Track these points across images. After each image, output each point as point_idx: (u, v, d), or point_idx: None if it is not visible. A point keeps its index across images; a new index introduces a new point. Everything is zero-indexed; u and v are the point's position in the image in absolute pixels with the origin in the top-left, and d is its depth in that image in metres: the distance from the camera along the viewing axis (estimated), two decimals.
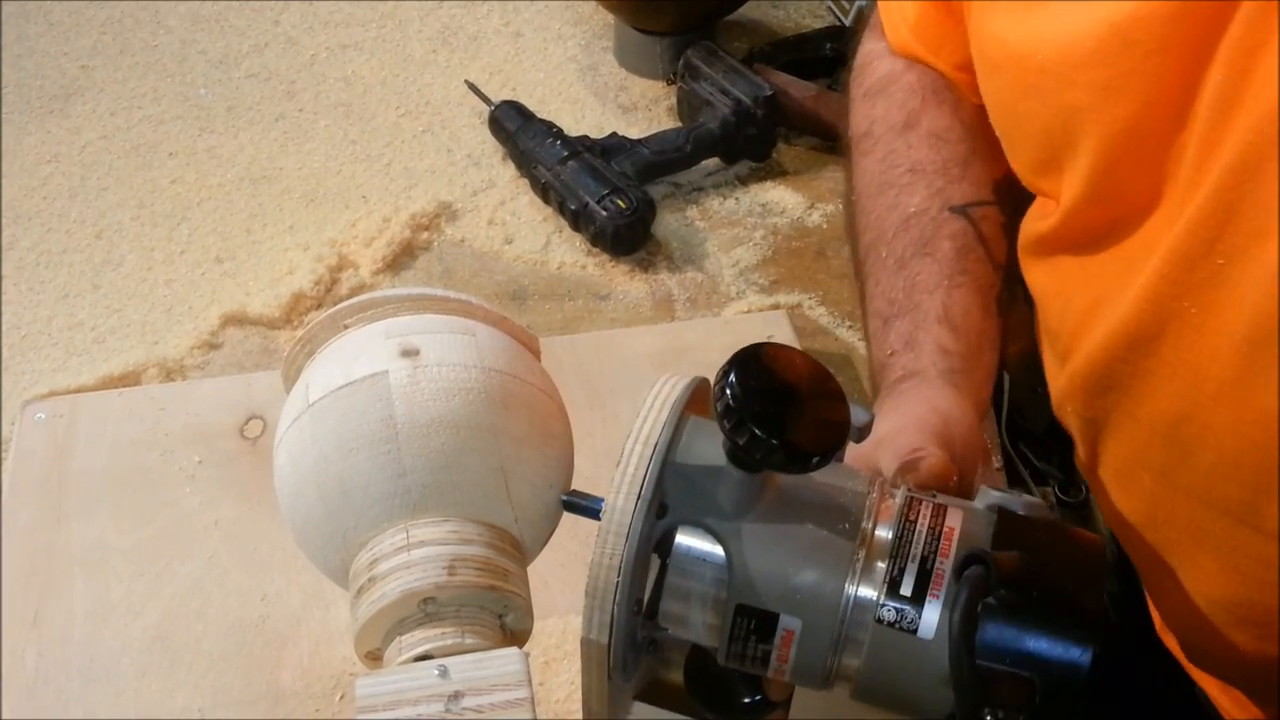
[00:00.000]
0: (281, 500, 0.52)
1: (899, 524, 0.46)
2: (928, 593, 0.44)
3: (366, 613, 0.47)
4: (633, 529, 0.44)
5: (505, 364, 0.52)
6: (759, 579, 0.45)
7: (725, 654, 0.46)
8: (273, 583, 0.73)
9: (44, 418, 0.82)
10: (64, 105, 1.11)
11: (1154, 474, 0.59)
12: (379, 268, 0.95)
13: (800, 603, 0.45)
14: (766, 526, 0.46)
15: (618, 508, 0.44)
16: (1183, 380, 0.54)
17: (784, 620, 0.45)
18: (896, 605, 0.44)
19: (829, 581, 0.45)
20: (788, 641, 0.46)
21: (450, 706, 0.44)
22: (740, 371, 0.43)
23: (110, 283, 0.94)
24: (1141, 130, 0.52)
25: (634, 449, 0.45)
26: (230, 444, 0.81)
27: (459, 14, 1.25)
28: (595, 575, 0.44)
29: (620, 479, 0.45)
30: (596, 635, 0.45)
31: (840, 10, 1.25)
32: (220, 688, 0.68)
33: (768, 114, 1.04)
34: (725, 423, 0.42)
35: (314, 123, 1.10)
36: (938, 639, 0.44)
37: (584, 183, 0.97)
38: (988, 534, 0.46)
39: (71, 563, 0.73)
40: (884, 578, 0.45)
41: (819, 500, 0.47)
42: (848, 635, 0.45)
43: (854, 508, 0.46)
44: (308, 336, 0.54)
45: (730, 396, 0.42)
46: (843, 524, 0.46)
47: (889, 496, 0.47)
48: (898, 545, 0.45)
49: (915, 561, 0.45)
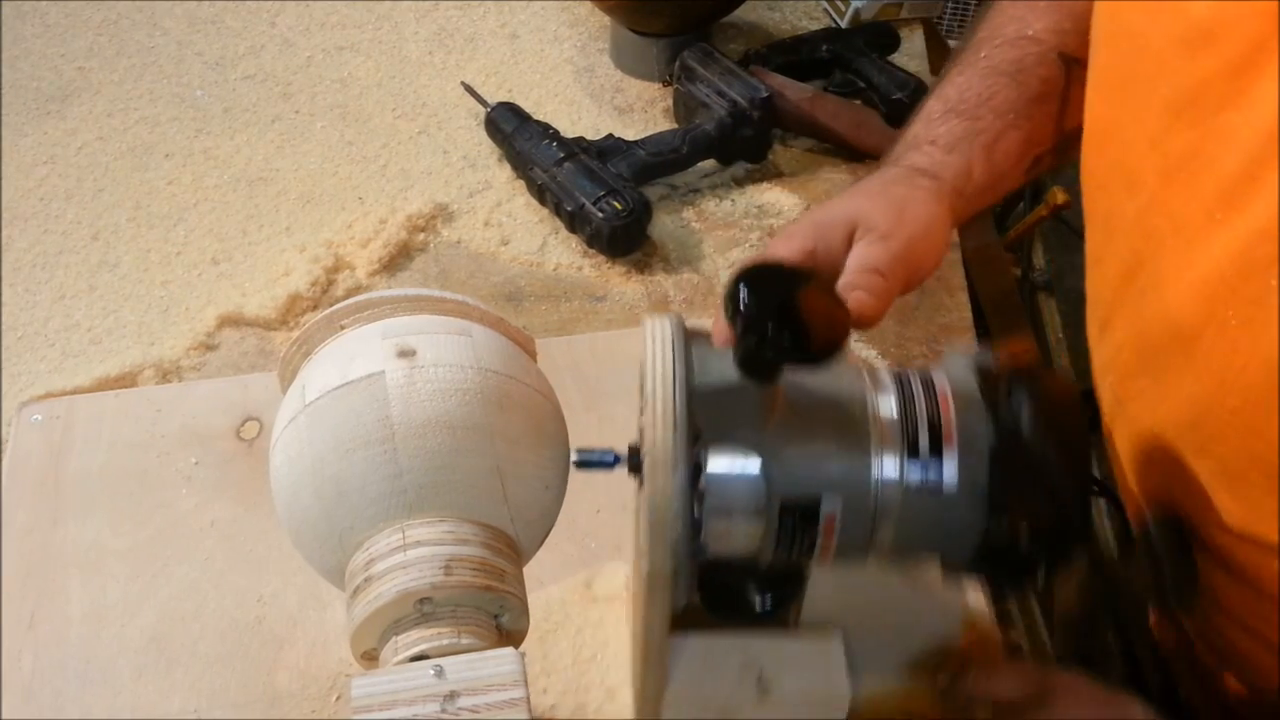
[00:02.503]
0: (278, 501, 0.52)
1: (898, 396, 0.50)
2: (943, 447, 0.49)
3: (362, 613, 0.47)
4: (677, 457, 0.47)
5: (501, 365, 0.52)
6: (796, 474, 0.49)
7: (773, 553, 0.50)
8: (269, 584, 0.73)
9: (40, 419, 0.82)
10: (60, 107, 1.11)
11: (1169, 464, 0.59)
12: (375, 269, 0.95)
13: (837, 484, 0.49)
14: (790, 427, 0.49)
15: (658, 440, 0.47)
16: (1208, 387, 0.53)
17: (825, 505, 0.49)
18: (920, 464, 0.49)
19: (857, 459, 0.49)
20: (830, 524, 0.50)
21: (446, 706, 0.44)
22: (749, 282, 0.46)
23: (106, 284, 0.94)
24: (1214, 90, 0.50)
25: (656, 385, 0.48)
26: (226, 445, 0.81)
27: (455, 15, 1.25)
28: (653, 509, 0.47)
29: (653, 415, 0.47)
30: (661, 566, 0.48)
31: (836, 12, 1.25)
32: (216, 689, 0.68)
33: (764, 116, 1.04)
34: (743, 330, 0.46)
35: (310, 124, 1.10)
36: (961, 489, 0.49)
37: (580, 184, 0.97)
38: (974, 386, 0.51)
39: (68, 564, 0.73)
40: (900, 444, 0.49)
41: (825, 393, 0.51)
42: (881, 505, 0.49)
43: (855, 391, 0.51)
44: (304, 337, 0.54)
45: (745, 305, 0.45)
46: (851, 408, 0.50)
47: (879, 376, 0.52)
48: (904, 413, 0.50)
49: (924, 423, 0.49)
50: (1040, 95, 0.71)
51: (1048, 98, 0.71)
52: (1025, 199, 1.45)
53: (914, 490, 0.49)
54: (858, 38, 1.16)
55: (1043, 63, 0.72)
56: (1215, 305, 0.51)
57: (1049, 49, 0.72)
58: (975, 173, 0.69)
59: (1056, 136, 0.72)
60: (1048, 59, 0.72)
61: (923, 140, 0.71)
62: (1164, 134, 0.54)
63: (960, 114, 0.71)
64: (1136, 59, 0.56)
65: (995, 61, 0.73)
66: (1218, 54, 0.49)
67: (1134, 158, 0.56)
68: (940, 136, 0.71)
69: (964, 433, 0.50)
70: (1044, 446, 0.49)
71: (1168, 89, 0.53)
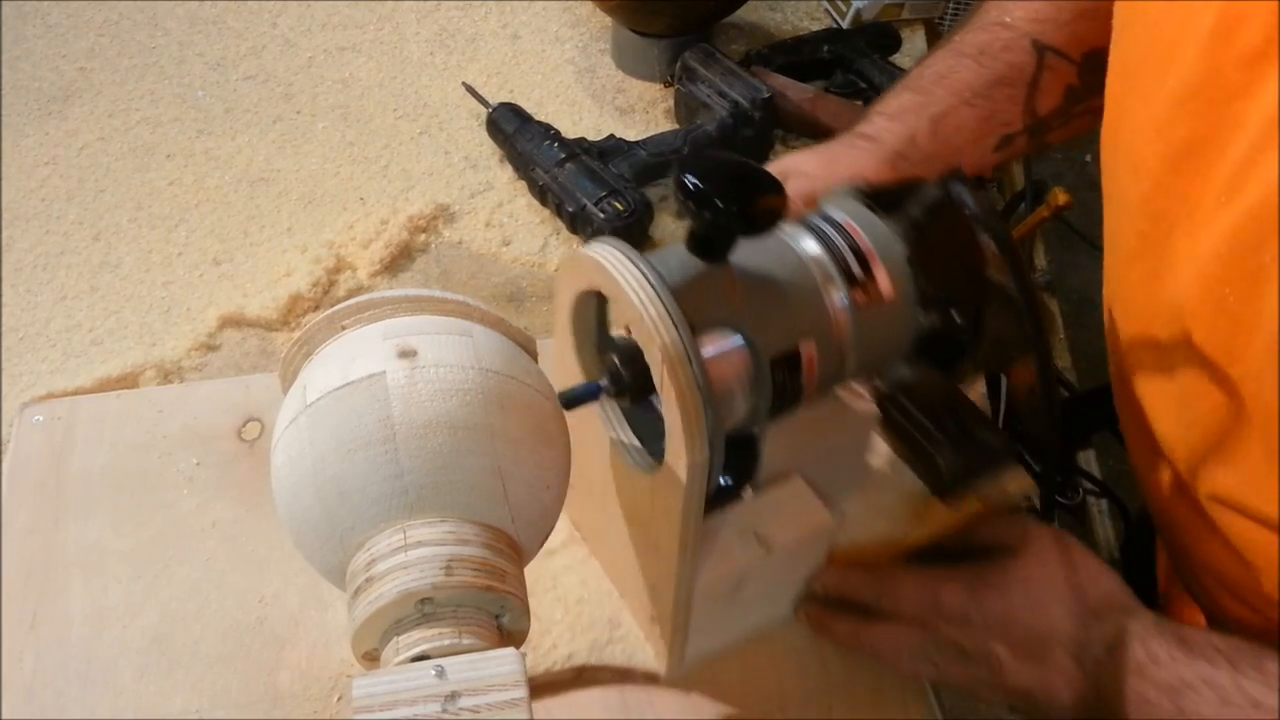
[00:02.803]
0: (279, 501, 0.52)
1: (817, 238, 0.58)
2: (870, 266, 0.57)
3: (364, 613, 0.47)
4: (690, 351, 0.51)
5: (502, 365, 0.52)
6: (774, 331, 0.55)
7: (771, 407, 0.56)
8: (270, 584, 0.73)
9: (42, 420, 0.82)
10: (61, 107, 1.11)
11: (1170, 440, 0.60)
12: (376, 269, 0.95)
13: (806, 328, 0.56)
14: (751, 297, 0.55)
15: (668, 342, 0.51)
16: (1212, 364, 0.54)
17: (804, 350, 0.56)
18: (859, 286, 0.57)
19: (813, 300, 0.56)
20: (811, 361, 0.56)
21: (447, 707, 0.44)
22: (691, 167, 0.51)
23: (108, 285, 0.94)
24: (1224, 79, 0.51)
25: (640, 298, 0.51)
26: (228, 446, 0.81)
27: (456, 16, 1.25)
28: (684, 408, 0.51)
29: (651, 323, 0.51)
30: (701, 458, 0.52)
31: (837, 12, 1.25)
32: (218, 689, 0.68)
33: (765, 116, 1.04)
34: (695, 209, 0.50)
35: (311, 125, 1.11)
36: (897, 295, 0.58)
37: (582, 185, 0.97)
38: (866, 210, 0.59)
39: (69, 565, 0.73)
40: (838, 275, 0.57)
41: (768, 256, 0.57)
42: (842, 332, 0.57)
43: (785, 248, 0.58)
44: (305, 338, 0.54)
45: (694, 187, 0.50)
46: (789, 261, 0.57)
47: (793, 231, 0.59)
48: (829, 249, 0.57)
49: (847, 251, 0.57)
50: (1003, 78, 0.73)
51: (1013, 81, 0.73)
52: (1027, 200, 1.45)
53: (862, 309, 0.57)
54: (859, 38, 1.16)
55: (1010, 48, 0.74)
56: (1213, 284, 0.52)
57: (1020, 35, 0.74)
58: (920, 140, 0.73)
59: (1027, 119, 0.74)
60: (1017, 45, 0.74)
61: (873, 112, 0.75)
62: (1169, 122, 0.54)
63: (912, 89, 0.75)
64: (1150, 48, 0.56)
65: (962, 44, 0.76)
66: (1231, 46, 0.50)
67: (1140, 143, 0.57)
68: (889, 107, 0.75)
69: (880, 248, 0.58)
70: (945, 240, 0.58)
71: (1176, 80, 0.54)
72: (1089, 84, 0.74)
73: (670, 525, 0.57)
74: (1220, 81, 0.51)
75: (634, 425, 0.62)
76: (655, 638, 0.67)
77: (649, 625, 0.68)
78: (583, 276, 0.57)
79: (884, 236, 0.58)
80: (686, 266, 0.54)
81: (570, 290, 0.59)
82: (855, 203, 0.60)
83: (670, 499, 0.55)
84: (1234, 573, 0.60)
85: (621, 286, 0.52)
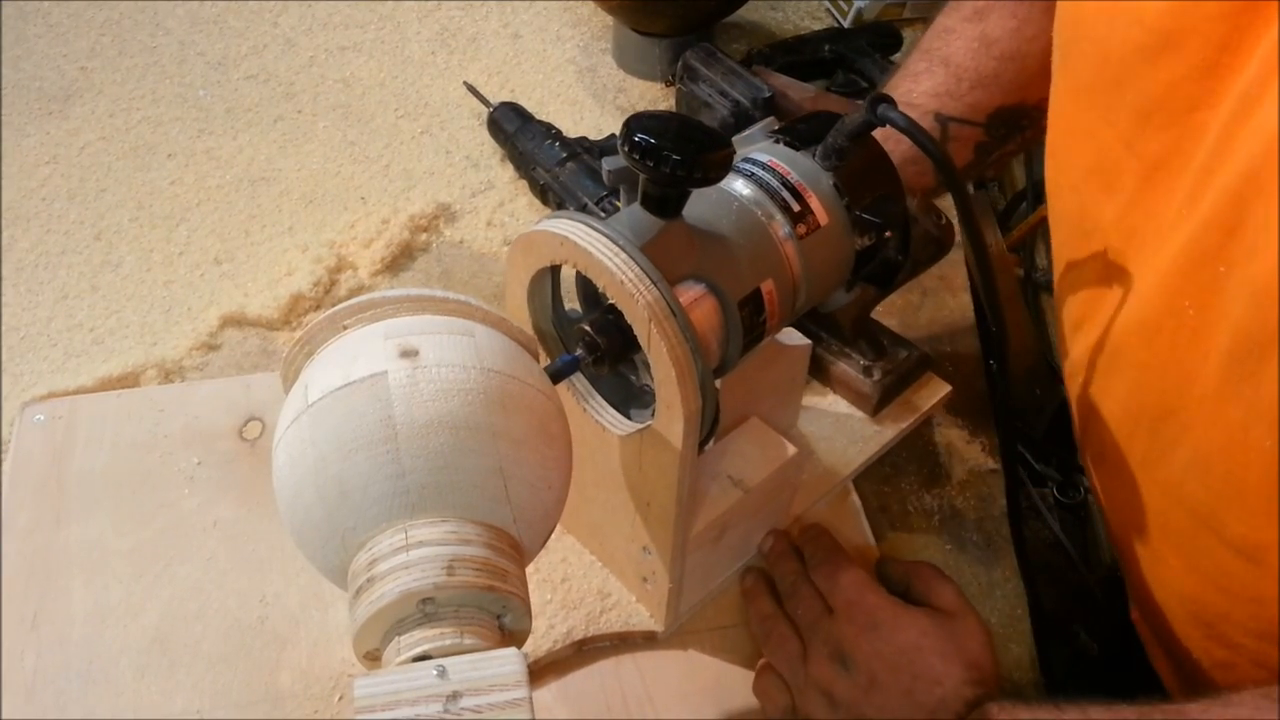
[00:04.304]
0: (280, 501, 0.52)
1: (749, 180, 0.61)
2: (804, 198, 0.61)
3: (365, 613, 0.47)
4: (674, 304, 0.53)
5: (504, 365, 0.52)
6: (739, 273, 0.58)
7: (743, 345, 0.59)
8: (271, 584, 0.73)
9: (43, 419, 0.82)
10: (63, 107, 1.11)
11: (1136, 463, 0.60)
12: (378, 269, 0.95)
13: (763, 266, 0.59)
14: (706, 246, 0.58)
15: (650, 301, 0.53)
16: (1174, 378, 0.54)
17: (763, 287, 0.59)
18: (798, 217, 0.61)
19: (763, 238, 0.60)
20: (771, 298, 0.60)
21: (448, 707, 0.44)
22: (639, 125, 0.52)
23: (109, 284, 0.94)
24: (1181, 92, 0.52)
25: (615, 262, 0.53)
26: (229, 445, 0.81)
27: (458, 15, 1.25)
28: (676, 360, 0.53)
29: (632, 284, 0.53)
30: (696, 405, 0.54)
31: (839, 12, 1.25)
32: (219, 689, 0.68)
33: (766, 115, 1.04)
34: (651, 165, 0.51)
35: (313, 124, 1.11)
36: (833, 222, 0.62)
37: (583, 184, 0.97)
38: (785, 147, 0.63)
39: (70, 564, 0.73)
40: (778, 210, 0.60)
41: (714, 207, 0.60)
42: (792, 265, 0.60)
43: (727, 195, 0.61)
44: (306, 337, 0.54)
45: (646, 143, 0.51)
46: (733, 206, 0.60)
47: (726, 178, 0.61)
48: (766, 190, 0.61)
49: (781, 187, 0.61)
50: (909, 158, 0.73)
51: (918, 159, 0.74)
52: (1028, 200, 1.45)
53: (805, 240, 0.61)
54: (860, 38, 1.16)
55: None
56: (1173, 297, 0.52)
57: (924, 113, 0.79)
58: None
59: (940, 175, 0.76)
60: (922, 121, 0.76)
61: None
62: (1138, 136, 0.55)
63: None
64: (1101, 64, 0.57)
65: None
66: (1182, 59, 0.51)
67: (1110, 160, 0.57)
68: None
69: (810, 180, 0.61)
70: (868, 165, 0.63)
71: (1135, 94, 0.54)
72: (999, 136, 0.79)
73: (666, 480, 0.58)
74: (1178, 94, 0.52)
75: (602, 394, 0.64)
76: (648, 597, 0.69)
77: (640, 587, 0.69)
78: (542, 254, 0.58)
79: (810, 169, 0.62)
80: (645, 226, 0.55)
81: (526, 270, 0.61)
82: (773, 143, 0.64)
83: (663, 454, 0.57)
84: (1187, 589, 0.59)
85: (594, 255, 0.54)
